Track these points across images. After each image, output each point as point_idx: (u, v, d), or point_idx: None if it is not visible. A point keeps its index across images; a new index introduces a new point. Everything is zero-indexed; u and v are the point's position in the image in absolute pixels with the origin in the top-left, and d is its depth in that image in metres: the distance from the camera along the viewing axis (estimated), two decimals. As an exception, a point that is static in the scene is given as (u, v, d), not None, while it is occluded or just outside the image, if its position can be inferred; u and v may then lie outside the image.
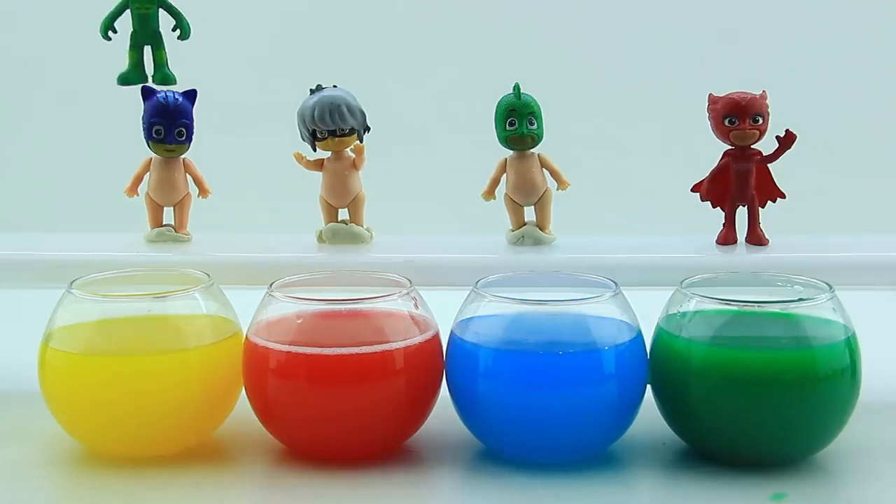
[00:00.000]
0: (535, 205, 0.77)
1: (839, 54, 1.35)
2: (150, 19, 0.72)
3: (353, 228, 0.77)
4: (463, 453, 0.67)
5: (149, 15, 0.72)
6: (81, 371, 0.64)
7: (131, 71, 0.74)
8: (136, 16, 0.72)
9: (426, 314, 0.66)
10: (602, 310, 0.64)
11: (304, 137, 0.77)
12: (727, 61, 1.31)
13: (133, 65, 0.74)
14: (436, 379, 0.66)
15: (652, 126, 1.31)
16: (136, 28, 0.73)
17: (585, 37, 1.37)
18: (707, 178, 0.76)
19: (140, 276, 0.70)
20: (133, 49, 0.73)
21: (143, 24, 0.72)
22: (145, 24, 0.72)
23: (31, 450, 0.68)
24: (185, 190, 0.79)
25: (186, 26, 0.73)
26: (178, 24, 0.73)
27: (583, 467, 0.64)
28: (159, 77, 0.74)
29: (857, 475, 0.64)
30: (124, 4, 0.73)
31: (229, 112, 1.21)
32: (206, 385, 0.65)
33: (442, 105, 1.34)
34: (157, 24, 0.73)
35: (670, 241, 0.78)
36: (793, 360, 0.62)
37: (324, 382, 0.62)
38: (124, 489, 0.62)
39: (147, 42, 0.73)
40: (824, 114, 1.30)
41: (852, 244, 0.78)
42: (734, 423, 0.62)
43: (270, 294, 0.66)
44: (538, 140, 0.75)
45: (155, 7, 0.72)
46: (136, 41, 0.73)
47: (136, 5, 0.72)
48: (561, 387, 0.61)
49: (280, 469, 0.65)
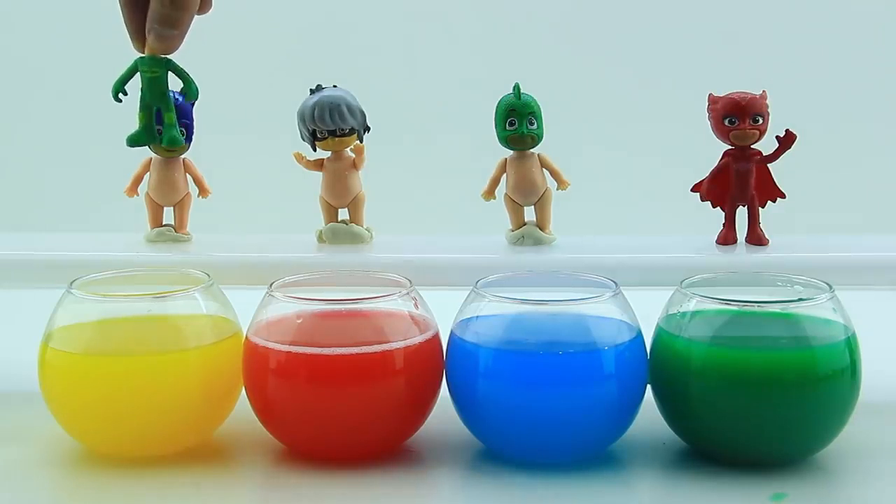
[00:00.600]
0: (535, 205, 0.77)
1: (839, 54, 1.35)
2: (158, 82, 0.73)
3: (353, 228, 0.77)
4: (463, 453, 0.67)
5: (157, 77, 0.73)
6: (81, 371, 0.64)
7: (141, 133, 0.74)
8: (145, 79, 0.73)
9: (426, 314, 0.66)
10: (602, 310, 0.64)
11: (304, 137, 0.77)
12: (727, 61, 1.31)
13: (143, 126, 0.74)
14: (436, 379, 0.66)
15: (652, 126, 1.32)
16: (145, 90, 0.73)
17: (585, 37, 1.37)
18: (707, 178, 0.76)
19: (140, 276, 0.70)
20: (143, 110, 0.74)
21: (152, 87, 0.73)
22: (154, 87, 0.73)
23: (31, 450, 0.68)
24: (185, 190, 0.79)
25: (194, 90, 0.74)
26: (187, 87, 0.74)
27: (583, 467, 0.64)
28: (167, 139, 0.74)
29: (857, 475, 0.64)
30: (134, 68, 0.73)
31: (229, 112, 1.21)
32: (206, 385, 0.65)
33: (442, 105, 1.34)
34: (165, 86, 0.73)
35: (670, 241, 0.78)
36: (793, 360, 0.62)
37: (324, 382, 0.62)
38: (124, 489, 0.62)
39: (156, 104, 0.74)
40: (824, 114, 1.30)
41: (852, 244, 0.77)
42: (734, 423, 0.62)
43: (270, 294, 0.66)
44: (538, 140, 0.75)
45: (163, 70, 0.73)
46: (145, 103, 0.74)
47: (144, 68, 0.73)
48: (561, 387, 0.61)
49: (280, 469, 0.65)
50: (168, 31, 0.70)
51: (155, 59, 0.72)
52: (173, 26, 0.70)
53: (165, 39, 0.71)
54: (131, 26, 0.72)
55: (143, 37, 0.71)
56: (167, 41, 0.71)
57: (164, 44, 0.71)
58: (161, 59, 0.72)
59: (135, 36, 0.72)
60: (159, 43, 0.71)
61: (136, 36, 0.72)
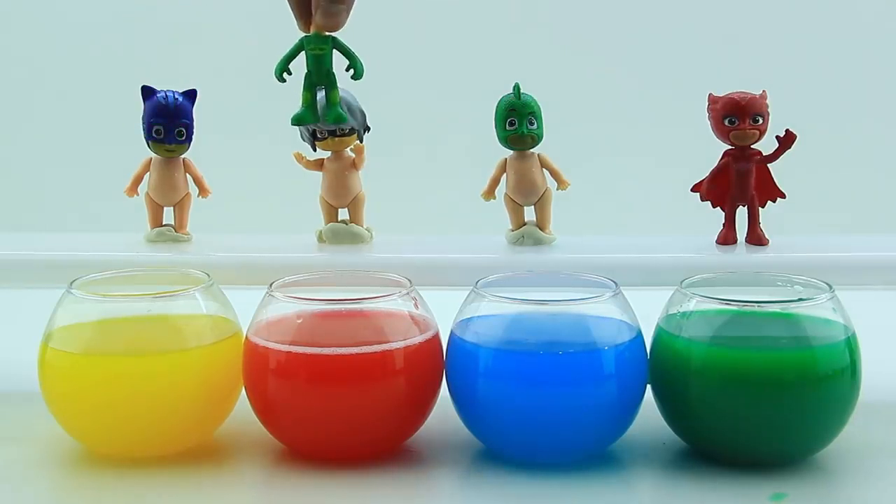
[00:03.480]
0: (535, 205, 0.77)
1: (839, 54, 1.35)
2: (324, 59, 0.73)
3: (353, 228, 0.77)
4: (463, 453, 0.67)
5: (323, 56, 0.73)
6: (81, 371, 0.64)
7: (305, 111, 0.74)
8: (310, 57, 0.73)
9: (426, 314, 0.66)
10: (602, 310, 0.64)
11: (304, 137, 0.77)
12: (727, 61, 1.31)
13: (307, 105, 0.74)
14: (436, 379, 0.66)
15: (652, 126, 1.32)
16: (311, 69, 0.73)
17: (585, 37, 1.37)
18: (707, 178, 0.76)
19: (140, 276, 0.70)
20: (307, 89, 0.74)
21: (318, 65, 0.73)
22: (320, 65, 0.73)
23: (31, 450, 0.68)
24: (185, 190, 0.79)
25: (360, 67, 0.73)
26: (352, 64, 0.73)
27: (583, 467, 0.64)
28: (333, 117, 0.74)
29: (857, 475, 0.64)
30: (299, 46, 0.73)
31: (229, 112, 1.21)
32: (206, 385, 0.65)
33: (442, 105, 1.34)
34: (330, 64, 0.73)
35: (670, 241, 0.78)
36: (793, 360, 0.62)
37: (324, 382, 0.62)
38: (124, 489, 0.62)
39: (321, 82, 0.74)
40: (824, 114, 1.30)
41: (852, 244, 0.78)
42: (734, 423, 0.62)
43: (270, 294, 0.66)
44: (538, 140, 0.75)
45: (329, 48, 0.73)
46: (310, 82, 0.74)
47: (310, 46, 0.73)
48: (561, 387, 0.61)
49: (280, 469, 0.65)
50: (335, 6, 0.71)
51: (321, 36, 0.73)
52: (340, 0, 0.70)
53: (332, 15, 0.71)
54: (296, 6, 0.72)
55: (307, 16, 0.72)
56: (334, 17, 0.71)
57: (331, 20, 0.72)
58: (327, 37, 0.73)
59: (299, 16, 0.73)
60: (326, 19, 0.71)
61: (301, 15, 0.72)
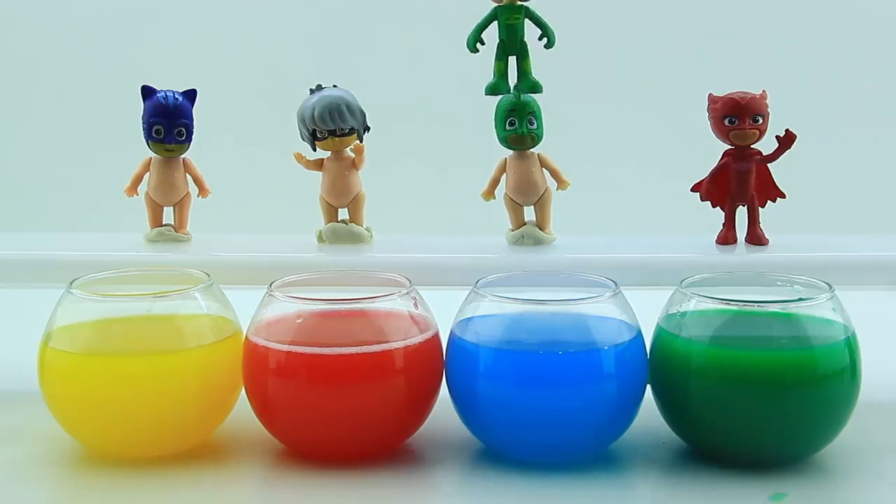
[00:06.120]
0: (535, 205, 0.77)
1: (839, 54, 1.35)
2: (517, 29, 0.73)
3: (353, 228, 0.77)
4: (463, 453, 0.67)
5: (516, 25, 0.72)
6: (81, 371, 0.64)
7: (499, 81, 0.74)
8: (503, 26, 0.73)
9: (426, 314, 0.66)
10: (602, 310, 0.64)
11: (304, 137, 0.77)
12: (727, 61, 1.31)
13: (500, 75, 0.74)
14: (436, 379, 0.66)
15: (652, 126, 1.31)
16: (504, 38, 0.73)
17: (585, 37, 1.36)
18: (707, 178, 0.76)
19: (140, 276, 0.70)
20: (500, 59, 0.73)
21: (511, 35, 0.73)
22: (512, 35, 0.73)
23: (31, 450, 0.68)
24: (185, 190, 0.79)
25: (552, 35, 0.73)
26: (545, 32, 0.73)
27: (583, 467, 0.64)
28: (527, 85, 0.74)
29: (857, 475, 0.64)
30: (492, 16, 0.73)
31: (229, 112, 1.21)
32: (206, 385, 0.65)
33: (442, 105, 1.33)
34: (523, 33, 0.73)
35: (670, 241, 0.78)
36: (793, 360, 0.62)
37: (324, 382, 0.62)
38: (124, 489, 0.62)
39: (514, 52, 0.73)
40: (824, 114, 1.30)
41: (852, 244, 0.77)
42: (734, 423, 0.62)
43: (270, 294, 0.66)
44: (538, 140, 0.75)
45: (522, 17, 0.73)
46: (503, 51, 0.73)
47: (504, 16, 0.72)
48: (561, 387, 0.61)
49: (280, 469, 0.65)
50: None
51: (514, 6, 0.72)
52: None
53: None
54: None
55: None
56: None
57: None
58: (520, 6, 0.72)
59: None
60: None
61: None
